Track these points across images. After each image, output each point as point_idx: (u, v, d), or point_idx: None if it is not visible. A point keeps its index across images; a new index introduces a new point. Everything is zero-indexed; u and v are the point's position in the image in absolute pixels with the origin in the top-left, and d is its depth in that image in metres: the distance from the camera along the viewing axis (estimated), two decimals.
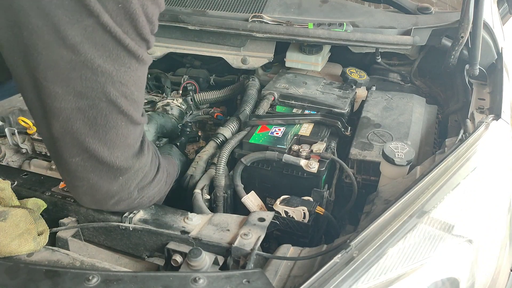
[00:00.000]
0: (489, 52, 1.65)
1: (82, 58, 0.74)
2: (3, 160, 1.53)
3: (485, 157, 1.19)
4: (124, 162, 0.87)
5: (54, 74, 0.75)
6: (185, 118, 1.75)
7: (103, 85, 0.77)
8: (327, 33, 1.64)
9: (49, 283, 0.82)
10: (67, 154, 0.83)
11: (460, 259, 0.98)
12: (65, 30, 0.71)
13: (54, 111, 0.79)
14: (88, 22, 0.72)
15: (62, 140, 0.82)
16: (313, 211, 1.16)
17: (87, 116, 0.79)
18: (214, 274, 0.84)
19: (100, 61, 0.75)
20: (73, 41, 0.73)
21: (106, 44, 0.74)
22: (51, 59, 0.74)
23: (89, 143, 0.82)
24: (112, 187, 0.90)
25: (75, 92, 0.77)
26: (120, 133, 0.84)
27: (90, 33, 0.73)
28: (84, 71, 0.75)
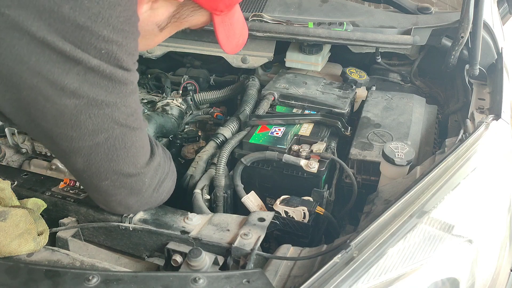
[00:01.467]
0: (489, 52, 1.65)
1: (85, 100, 0.79)
2: (3, 160, 1.53)
3: (485, 157, 1.19)
4: (145, 167, 0.94)
5: (63, 122, 0.80)
6: (185, 118, 1.75)
7: (111, 115, 0.82)
8: (327, 32, 1.64)
9: (49, 283, 0.82)
10: (96, 180, 0.90)
11: (460, 259, 0.98)
12: (60, 80, 0.75)
13: (74, 151, 0.84)
14: (78, 68, 0.76)
15: (88, 171, 0.88)
16: (313, 211, 1.16)
17: (107, 146, 0.85)
18: (214, 274, 0.84)
19: (101, 97, 0.80)
20: (72, 88, 0.77)
21: (100, 82, 0.79)
22: (56, 110, 0.78)
23: (114, 167, 0.88)
24: (142, 190, 0.96)
25: (89, 132, 0.82)
26: (137, 146, 0.90)
27: (83, 76, 0.77)
28: (91, 110, 0.80)
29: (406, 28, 1.69)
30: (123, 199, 0.97)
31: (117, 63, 0.80)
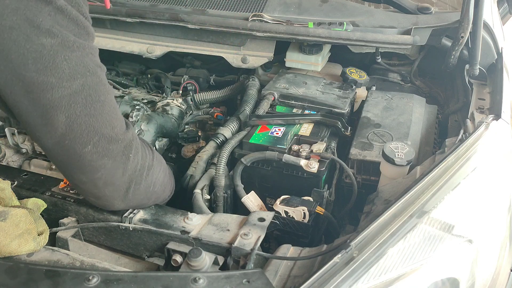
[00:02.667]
0: (489, 52, 1.65)
1: (59, 40, 0.84)
2: (3, 160, 1.53)
3: (485, 157, 1.19)
4: (122, 134, 0.96)
5: (43, 65, 0.83)
6: (185, 118, 1.75)
7: (82, 60, 0.88)
8: (327, 32, 1.64)
9: (49, 283, 0.82)
10: (78, 145, 0.90)
11: (460, 259, 0.98)
12: (36, 18, 0.81)
13: (54, 104, 0.86)
14: (48, 8, 0.83)
15: (70, 132, 0.89)
16: (313, 211, 1.16)
17: (83, 95, 0.88)
18: (214, 274, 0.84)
19: (72, 38, 0.86)
20: (46, 26, 0.83)
21: (69, 25, 0.86)
22: (35, 50, 0.82)
23: (94, 123, 0.90)
24: (126, 165, 0.97)
25: (66, 76, 0.86)
26: (109, 104, 0.94)
27: (54, 17, 0.84)
28: (65, 52, 0.85)
29: (406, 28, 1.69)
30: (109, 177, 0.96)
31: (78, 8, 0.88)
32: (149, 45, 1.84)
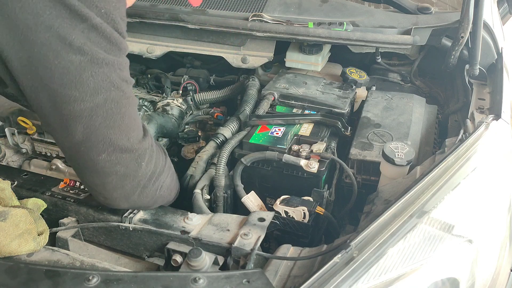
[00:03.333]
0: (489, 52, 1.65)
1: (89, 57, 0.86)
2: (3, 160, 1.53)
3: (485, 157, 1.19)
4: (138, 144, 0.98)
5: (68, 80, 0.86)
6: (185, 118, 1.75)
7: (109, 76, 0.89)
8: (327, 32, 1.64)
9: (49, 283, 0.82)
10: (93, 153, 0.93)
11: (460, 259, 0.98)
12: (68, 35, 0.83)
13: (75, 115, 0.89)
14: (83, 26, 0.84)
15: (87, 141, 0.91)
16: (313, 211, 1.16)
17: (104, 109, 0.90)
18: (214, 274, 0.84)
19: (102, 55, 0.87)
20: (78, 43, 0.84)
21: (101, 42, 0.87)
22: (63, 66, 0.84)
23: (111, 134, 0.92)
24: (137, 173, 0.99)
25: (90, 91, 0.87)
26: (130, 115, 0.96)
27: (87, 34, 0.85)
28: (92, 68, 0.87)
29: (406, 28, 1.69)
30: (119, 182, 0.98)
31: (114, 25, 0.89)
32: (149, 45, 1.84)
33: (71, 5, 0.82)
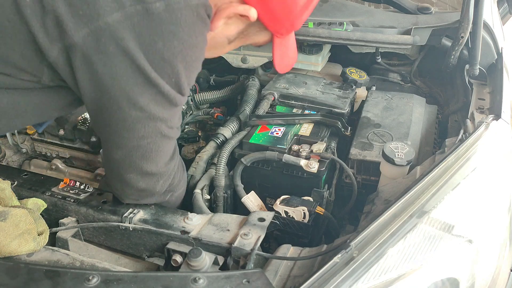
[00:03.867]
0: (489, 52, 1.65)
1: (147, 114, 0.95)
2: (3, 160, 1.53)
3: (485, 157, 1.19)
4: (164, 167, 1.07)
5: (123, 126, 0.96)
6: (185, 118, 1.75)
7: (160, 127, 0.99)
8: (327, 32, 1.64)
9: (49, 283, 0.82)
10: (123, 171, 1.03)
11: (460, 259, 0.98)
12: (136, 98, 0.92)
13: (119, 146, 1.00)
14: (152, 91, 0.93)
15: (122, 163, 1.02)
16: (313, 211, 1.16)
17: (146, 149, 1.00)
18: (214, 274, 0.84)
19: (159, 113, 0.96)
20: (142, 104, 0.93)
21: (164, 103, 0.96)
22: (121, 118, 0.95)
23: (143, 165, 1.02)
24: (155, 189, 1.08)
25: (138, 136, 0.98)
26: (166, 151, 1.05)
27: (153, 97, 0.94)
28: (147, 122, 0.96)
29: (406, 28, 1.69)
30: (137, 192, 1.08)
31: (179, 90, 0.97)
32: None
33: (148, 76, 0.90)
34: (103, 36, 0.86)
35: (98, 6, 0.85)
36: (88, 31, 0.85)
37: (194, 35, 0.93)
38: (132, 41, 0.87)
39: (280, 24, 1.09)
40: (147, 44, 0.88)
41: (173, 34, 0.89)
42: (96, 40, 0.86)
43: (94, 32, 0.85)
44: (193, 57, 0.95)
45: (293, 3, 1.06)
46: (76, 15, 0.85)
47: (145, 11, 0.86)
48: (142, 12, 0.86)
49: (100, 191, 1.17)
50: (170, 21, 0.88)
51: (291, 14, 1.07)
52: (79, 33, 0.85)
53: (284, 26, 1.10)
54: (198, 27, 0.94)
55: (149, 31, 0.88)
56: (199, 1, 0.92)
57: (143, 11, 0.86)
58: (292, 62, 1.28)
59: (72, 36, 0.85)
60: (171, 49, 0.90)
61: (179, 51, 0.91)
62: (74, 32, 0.85)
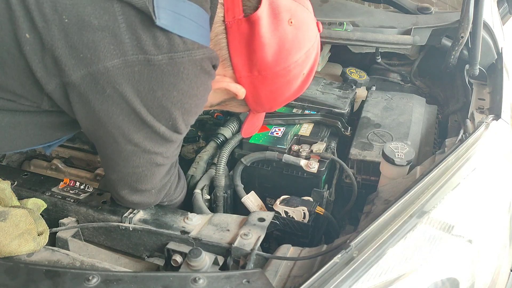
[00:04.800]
0: (489, 52, 1.65)
1: (142, 149, 0.97)
2: (3, 160, 1.53)
3: (485, 157, 1.19)
4: (158, 183, 1.08)
5: (119, 156, 0.98)
6: None
7: (155, 159, 1.00)
8: (327, 32, 1.64)
9: (49, 283, 0.82)
10: (119, 188, 1.06)
11: (460, 259, 0.98)
12: (131, 135, 0.94)
13: (114, 169, 1.03)
14: (147, 130, 0.94)
15: (117, 182, 1.05)
16: (313, 211, 1.16)
17: (140, 175, 1.02)
18: (214, 274, 0.84)
19: (155, 149, 0.98)
20: (137, 141, 0.95)
21: (159, 140, 0.97)
22: (117, 150, 0.97)
23: (137, 184, 1.04)
24: (150, 200, 1.10)
25: (133, 165, 1.00)
26: (161, 173, 1.06)
27: (149, 135, 0.95)
28: (142, 155, 0.98)
29: (406, 28, 1.69)
30: (133, 203, 1.09)
31: (176, 130, 0.98)
32: None
33: (143, 118, 0.91)
34: (100, 79, 0.86)
35: (99, 50, 0.85)
36: (86, 72, 0.86)
37: (195, 86, 0.93)
38: (130, 87, 0.88)
39: (261, 106, 1.15)
40: (145, 91, 0.89)
41: (173, 85, 0.90)
42: (94, 81, 0.86)
43: (92, 74, 0.86)
44: (192, 105, 0.96)
45: (280, 95, 1.11)
46: (76, 57, 0.85)
47: (146, 62, 0.87)
48: (144, 62, 0.87)
49: (100, 191, 1.17)
50: (171, 74, 0.89)
51: (274, 102, 1.14)
52: (76, 73, 0.86)
53: (263, 108, 1.18)
54: (201, 79, 0.94)
55: (148, 80, 0.88)
56: (204, 55, 0.93)
57: (144, 61, 0.87)
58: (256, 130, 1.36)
59: (69, 76, 0.86)
60: (170, 99, 0.91)
61: (178, 100, 0.92)
62: (72, 72, 0.86)
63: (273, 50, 1.01)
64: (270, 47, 1.01)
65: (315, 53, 1.12)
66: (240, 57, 1.02)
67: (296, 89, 1.12)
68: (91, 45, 0.85)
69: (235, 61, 1.02)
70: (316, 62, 1.14)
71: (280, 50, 1.02)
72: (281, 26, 1.01)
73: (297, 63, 1.05)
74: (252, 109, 1.17)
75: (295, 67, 1.05)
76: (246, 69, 1.03)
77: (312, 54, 1.09)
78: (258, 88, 1.07)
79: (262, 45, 1.00)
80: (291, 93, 1.13)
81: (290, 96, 1.14)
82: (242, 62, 1.02)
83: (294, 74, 1.07)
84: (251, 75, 1.04)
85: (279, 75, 1.05)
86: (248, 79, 1.05)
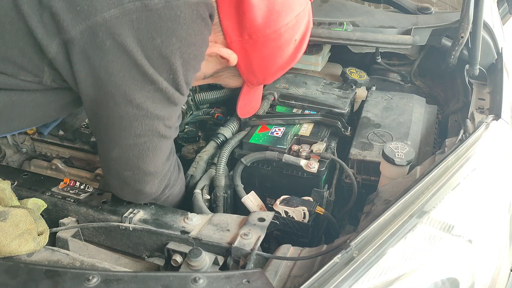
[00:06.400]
0: (489, 52, 1.65)
1: (144, 112, 0.95)
2: (3, 160, 1.53)
3: (485, 157, 1.19)
4: (160, 167, 1.07)
5: (120, 124, 0.96)
6: (185, 118, 1.75)
7: (157, 126, 0.98)
8: (327, 32, 1.64)
9: (49, 283, 0.82)
10: (121, 169, 1.03)
11: (460, 259, 0.98)
12: (132, 94, 0.92)
13: (116, 143, 1.00)
14: (150, 88, 0.92)
15: (119, 161, 1.02)
16: (313, 211, 1.16)
17: (142, 147, 1.00)
18: (214, 274, 0.84)
19: (157, 111, 0.96)
20: (138, 101, 0.93)
21: (162, 100, 0.96)
22: (118, 115, 0.94)
23: (140, 163, 1.02)
24: (151, 189, 1.08)
25: (135, 134, 0.97)
26: (163, 150, 1.05)
27: (151, 94, 0.93)
28: (144, 120, 0.96)
29: (406, 28, 1.69)
30: (134, 192, 1.08)
31: (177, 87, 0.96)
32: None
33: (145, 72, 0.90)
34: (100, 31, 0.85)
35: (95, 1, 0.84)
36: (85, 26, 0.85)
37: (193, 33, 0.93)
38: (130, 37, 0.87)
39: (254, 76, 1.14)
40: (145, 40, 0.88)
41: (171, 31, 0.89)
42: (93, 35, 0.85)
43: (91, 28, 0.85)
44: (191, 55, 0.95)
45: (272, 63, 1.10)
46: (73, 10, 0.84)
47: (143, 8, 0.86)
48: (141, 9, 0.86)
49: (100, 191, 1.17)
50: (168, 18, 0.88)
51: (266, 71, 1.13)
52: (76, 28, 0.85)
53: (257, 79, 1.16)
54: (197, 25, 0.93)
55: (147, 27, 0.87)
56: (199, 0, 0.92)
57: (142, 7, 0.86)
58: (253, 110, 1.34)
59: (69, 31, 0.85)
60: (169, 46, 0.90)
61: (177, 48, 0.91)
62: (71, 27, 0.85)
63: (263, 12, 1.01)
64: (259, 8, 1.00)
65: (307, 19, 1.11)
66: (230, 21, 1.02)
67: (288, 57, 1.11)
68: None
69: (225, 25, 1.02)
70: (308, 29, 1.13)
71: (270, 12, 1.01)
72: None
73: (287, 26, 1.04)
74: (246, 79, 1.16)
75: (286, 30, 1.05)
76: (237, 33, 1.03)
77: (303, 19, 1.08)
78: (250, 53, 1.06)
79: (251, 7, 0.99)
80: (283, 61, 1.11)
81: (283, 64, 1.13)
82: (232, 25, 1.02)
83: (285, 39, 1.06)
84: (241, 39, 1.03)
85: (269, 39, 1.04)
86: (239, 44, 1.04)
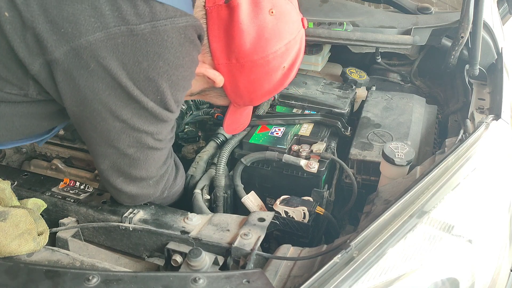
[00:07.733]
0: (489, 52, 1.65)
1: (130, 126, 0.94)
2: (3, 160, 1.53)
3: (485, 157, 1.18)
4: (155, 172, 1.06)
5: (107, 136, 0.96)
6: (185, 118, 1.75)
7: (145, 139, 0.98)
8: (327, 32, 1.64)
9: (49, 283, 0.82)
10: (112, 178, 1.03)
11: (460, 259, 0.98)
12: (118, 111, 0.92)
13: (105, 155, 1.00)
14: (135, 105, 0.92)
15: (109, 171, 1.02)
16: (313, 211, 1.16)
17: (132, 158, 1.00)
18: (214, 274, 0.84)
19: (144, 127, 0.96)
20: (125, 117, 0.93)
21: (148, 117, 0.95)
22: (105, 129, 0.94)
23: (131, 172, 1.02)
24: (149, 192, 1.08)
25: (124, 145, 0.97)
26: (156, 159, 1.04)
27: (137, 111, 0.93)
28: (131, 133, 0.96)
29: (406, 28, 1.69)
30: (131, 195, 1.07)
31: (166, 107, 0.96)
32: None
33: (130, 93, 0.89)
34: (84, 53, 0.85)
35: (79, 24, 0.84)
36: (69, 48, 0.84)
37: (181, 56, 0.92)
38: (115, 61, 0.86)
39: (240, 98, 1.14)
40: (131, 64, 0.87)
41: (158, 55, 0.88)
42: (77, 57, 0.85)
43: (75, 49, 0.84)
44: (179, 77, 0.94)
45: (259, 87, 1.10)
46: (58, 32, 0.84)
47: (129, 32, 0.85)
48: (127, 33, 0.85)
49: (100, 191, 1.17)
50: (155, 43, 0.88)
51: (253, 94, 1.12)
52: (59, 50, 0.84)
53: (243, 101, 1.16)
54: (185, 48, 0.92)
55: (133, 52, 0.87)
56: (187, 23, 0.91)
57: (127, 32, 0.85)
58: (241, 128, 1.33)
59: (52, 52, 0.85)
60: (156, 69, 0.89)
61: (165, 71, 0.90)
62: (54, 48, 0.84)
63: (252, 38, 1.00)
64: (248, 34, 1.00)
65: (297, 47, 1.11)
66: (219, 43, 1.01)
67: (276, 83, 1.11)
68: (72, 19, 0.83)
69: (214, 47, 1.01)
70: (298, 57, 1.13)
71: (259, 38, 1.01)
72: (261, 14, 1.00)
73: (276, 54, 1.04)
74: (232, 100, 1.15)
75: (274, 58, 1.04)
76: (224, 56, 1.02)
77: (293, 47, 1.08)
78: (237, 76, 1.06)
79: (240, 32, 0.99)
80: (271, 87, 1.11)
81: (270, 90, 1.12)
82: (220, 48, 1.01)
83: (273, 66, 1.05)
84: (229, 62, 1.03)
85: (257, 65, 1.04)
86: (226, 66, 1.04)
